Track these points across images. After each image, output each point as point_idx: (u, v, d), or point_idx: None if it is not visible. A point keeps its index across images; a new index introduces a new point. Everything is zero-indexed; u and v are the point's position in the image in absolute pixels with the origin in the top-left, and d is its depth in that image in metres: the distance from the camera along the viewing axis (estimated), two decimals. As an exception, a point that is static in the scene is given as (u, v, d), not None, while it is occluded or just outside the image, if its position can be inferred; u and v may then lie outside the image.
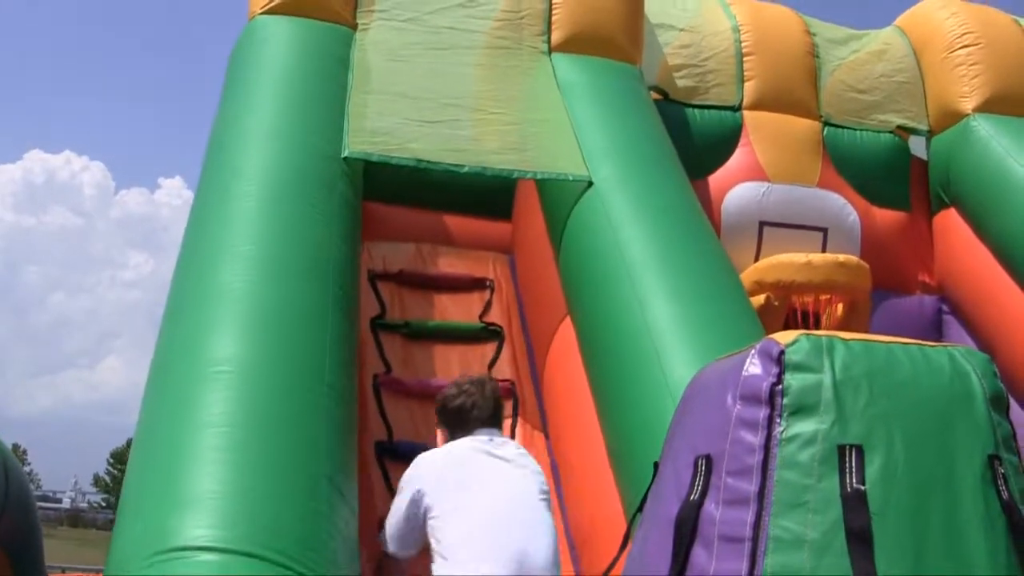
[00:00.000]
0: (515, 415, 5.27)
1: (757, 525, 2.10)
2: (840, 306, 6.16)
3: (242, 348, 3.79)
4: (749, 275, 6.10)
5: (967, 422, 2.22)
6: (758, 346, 2.27)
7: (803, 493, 2.10)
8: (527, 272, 5.87)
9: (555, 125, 5.63)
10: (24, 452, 55.55)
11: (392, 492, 4.81)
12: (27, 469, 54.26)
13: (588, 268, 5.01)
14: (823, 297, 6.14)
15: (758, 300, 6.01)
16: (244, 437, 3.43)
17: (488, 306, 5.87)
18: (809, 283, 6.03)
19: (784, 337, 2.26)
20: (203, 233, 4.55)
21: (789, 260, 6.08)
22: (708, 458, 2.23)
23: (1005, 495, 2.18)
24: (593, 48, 6.18)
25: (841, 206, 6.63)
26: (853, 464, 2.11)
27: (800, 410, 2.16)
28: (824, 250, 6.45)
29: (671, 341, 4.30)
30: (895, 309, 6.68)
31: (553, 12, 6.26)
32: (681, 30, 7.01)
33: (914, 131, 7.16)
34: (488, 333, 5.70)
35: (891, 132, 7.13)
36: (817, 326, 6.15)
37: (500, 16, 6.21)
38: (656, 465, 2.49)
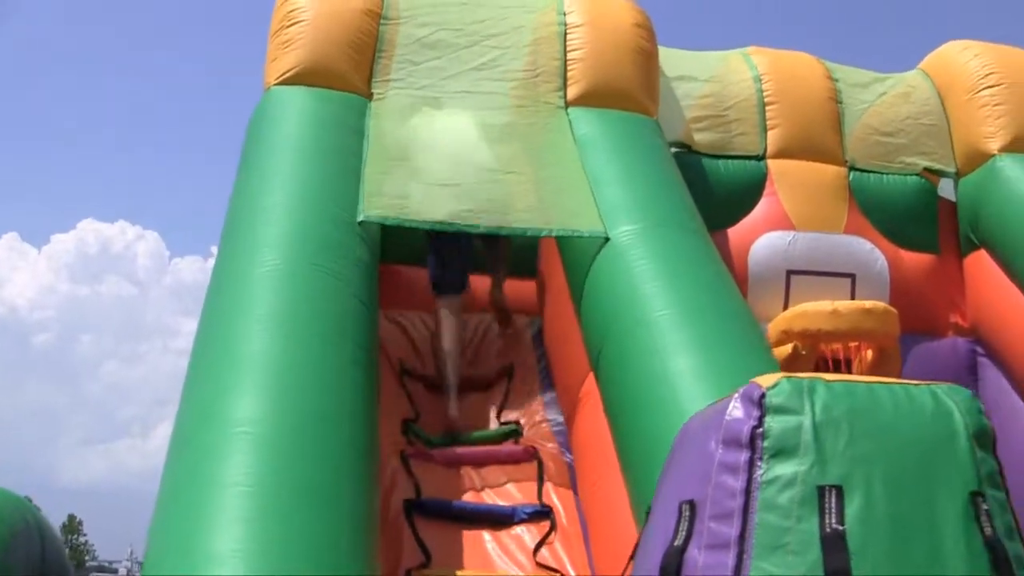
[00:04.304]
0: (540, 474, 5.28)
1: (738, 568, 2.12)
2: (870, 352, 6.10)
3: (262, 409, 3.85)
4: (776, 325, 6.10)
5: (949, 460, 2.23)
6: (741, 390, 2.31)
7: (783, 535, 2.12)
8: (552, 330, 5.92)
9: (571, 181, 5.68)
10: (80, 523, 55.79)
11: (423, 547, 4.89)
12: (83, 540, 54.59)
13: (607, 323, 5.02)
14: (852, 344, 6.09)
15: (786, 350, 5.99)
16: (266, 496, 3.49)
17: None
18: (836, 331, 5.99)
19: (766, 380, 2.30)
20: (223, 299, 4.66)
21: (815, 309, 6.05)
22: (692, 503, 2.26)
23: (988, 532, 2.18)
24: (609, 101, 6.24)
25: (869, 251, 6.62)
26: (832, 505, 2.13)
27: (780, 452, 2.19)
28: (853, 296, 6.43)
29: (691, 393, 4.28)
30: (928, 352, 6.63)
31: (568, 68, 6.34)
32: (702, 82, 7.07)
33: (941, 173, 7.14)
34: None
35: (917, 175, 7.12)
36: (848, 373, 6.12)
37: (516, 76, 6.29)
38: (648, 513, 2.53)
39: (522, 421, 5.71)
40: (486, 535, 5.00)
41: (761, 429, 2.22)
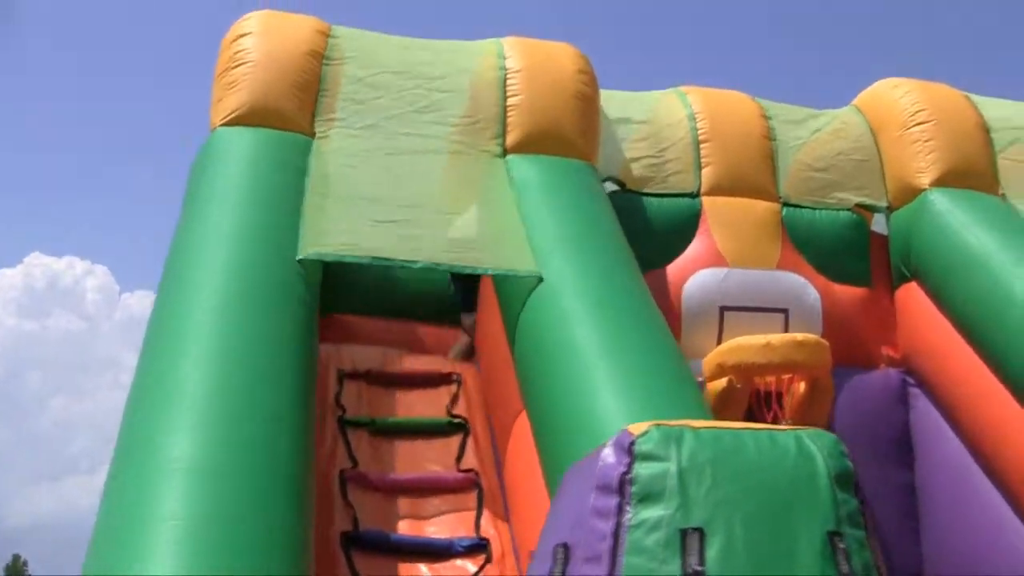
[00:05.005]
0: (479, 505, 5.38)
1: (605, 609, 2.23)
2: (802, 385, 6.24)
3: (199, 446, 3.97)
4: (711, 359, 6.22)
5: (808, 502, 2.36)
6: (614, 438, 2.43)
7: (649, 577, 2.24)
8: (488, 368, 6.03)
9: (507, 225, 5.81)
10: (24, 563, 54.73)
11: None
12: (27, 581, 53.35)
13: (539, 361, 5.14)
14: (785, 377, 6.23)
15: (720, 384, 6.12)
16: (201, 530, 3.59)
17: (455, 400, 6.02)
18: (769, 364, 6.11)
19: (638, 428, 2.42)
20: (162, 336, 4.76)
21: (748, 342, 6.17)
22: (566, 546, 2.37)
23: (845, 569, 2.31)
24: (547, 147, 6.39)
25: (801, 286, 6.75)
26: (694, 547, 2.25)
27: (647, 497, 2.32)
28: (786, 330, 6.55)
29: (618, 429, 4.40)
30: (860, 384, 6.77)
31: (508, 115, 6.48)
32: (639, 121, 7.23)
33: (873, 208, 7.30)
34: (453, 427, 5.84)
35: (850, 210, 7.28)
36: (780, 406, 6.26)
37: (457, 122, 6.42)
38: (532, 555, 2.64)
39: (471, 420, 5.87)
40: (423, 568, 5.10)
41: (630, 475, 2.34)
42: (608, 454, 2.38)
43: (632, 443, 2.36)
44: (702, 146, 7.15)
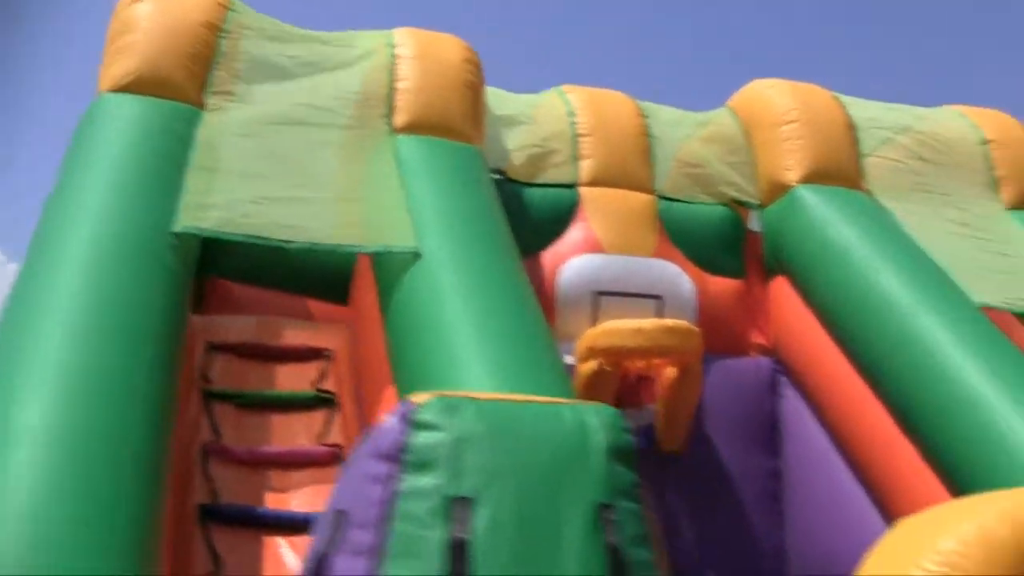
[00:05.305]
0: None
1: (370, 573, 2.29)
2: (673, 370, 6.37)
3: (48, 415, 3.91)
4: (582, 343, 6.32)
5: (580, 473, 2.44)
6: (398, 407, 2.49)
7: (415, 544, 2.31)
8: (361, 342, 6.05)
9: (390, 202, 5.84)
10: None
11: (214, 554, 4.95)
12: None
13: (409, 336, 5.17)
14: (655, 362, 6.35)
15: (591, 366, 6.22)
16: (45, 502, 3.56)
17: (324, 375, 6.02)
18: (639, 348, 6.23)
19: (420, 397, 2.49)
20: (20, 304, 4.67)
21: (619, 327, 6.27)
22: (342, 512, 2.43)
23: (612, 540, 2.38)
24: (433, 129, 6.44)
25: (676, 274, 6.88)
26: (461, 516, 2.32)
27: (421, 466, 2.38)
28: (660, 316, 6.67)
29: None
30: (731, 371, 6.92)
31: (396, 96, 6.54)
32: (522, 116, 7.38)
33: (746, 204, 7.48)
34: (320, 401, 5.84)
35: (725, 205, 7.45)
36: (650, 390, 6.39)
37: (349, 99, 6.48)
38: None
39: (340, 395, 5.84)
40: (282, 541, 5.09)
41: (406, 443, 2.40)
42: (388, 422, 2.44)
43: (412, 412, 2.42)
44: (581, 140, 7.28)
